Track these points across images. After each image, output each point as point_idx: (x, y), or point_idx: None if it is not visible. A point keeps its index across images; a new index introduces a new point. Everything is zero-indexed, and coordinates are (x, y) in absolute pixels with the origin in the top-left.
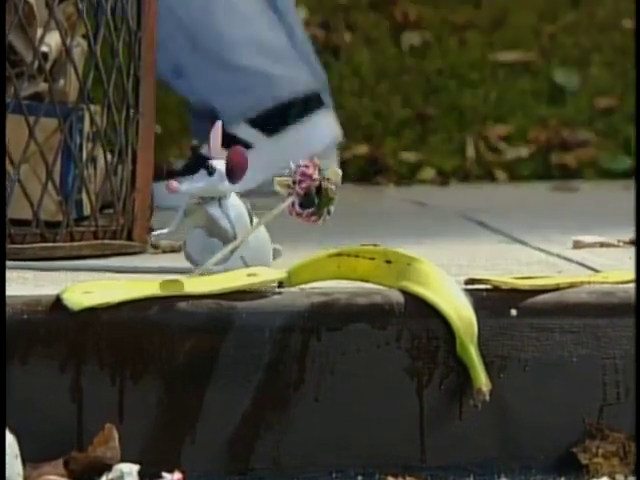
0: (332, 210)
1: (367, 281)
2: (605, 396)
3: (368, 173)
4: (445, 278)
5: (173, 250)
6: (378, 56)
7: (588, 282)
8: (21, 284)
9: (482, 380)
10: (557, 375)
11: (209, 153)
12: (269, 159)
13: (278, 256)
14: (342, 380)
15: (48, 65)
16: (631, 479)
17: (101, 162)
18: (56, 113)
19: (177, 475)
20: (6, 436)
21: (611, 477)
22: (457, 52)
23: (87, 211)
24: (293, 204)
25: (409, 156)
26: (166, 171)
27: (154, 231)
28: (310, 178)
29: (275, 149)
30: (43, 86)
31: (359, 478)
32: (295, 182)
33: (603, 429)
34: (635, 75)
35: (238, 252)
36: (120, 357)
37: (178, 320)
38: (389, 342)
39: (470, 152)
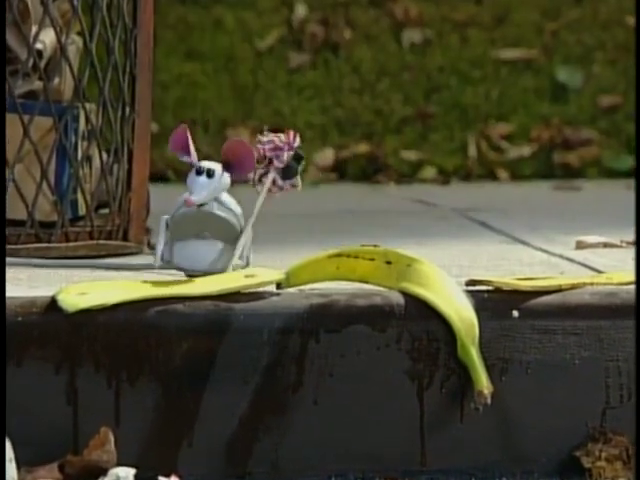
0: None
1: (367, 282)
2: (608, 399)
3: (368, 172)
4: (446, 279)
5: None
6: (378, 53)
7: (591, 283)
8: (15, 285)
9: (483, 382)
10: (559, 378)
11: (191, 160)
12: None
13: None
14: (341, 382)
15: (43, 63)
16: None
17: (96, 161)
18: (51, 112)
19: (174, 479)
20: None
21: None
22: (458, 49)
23: (82, 211)
24: (274, 181)
25: (410, 155)
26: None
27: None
28: (284, 149)
29: None
30: (38, 84)
31: None
32: (268, 157)
33: (606, 432)
34: (636, 74)
35: (242, 245)
36: (116, 359)
37: (175, 322)
38: (389, 344)
39: (472, 151)
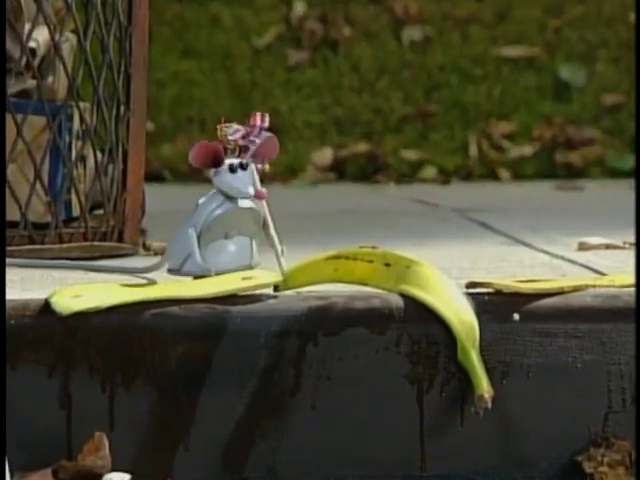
0: None
1: (365, 284)
2: (610, 403)
3: (368, 171)
4: (445, 281)
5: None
6: (378, 51)
7: (593, 285)
8: (9, 287)
9: (484, 386)
10: (561, 381)
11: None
12: None
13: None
14: (340, 386)
15: (36, 61)
16: None
17: (91, 161)
18: (44, 111)
19: None
20: None
21: None
22: (459, 47)
23: (76, 212)
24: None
25: (410, 154)
26: None
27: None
28: (255, 133)
29: None
30: (31, 83)
31: None
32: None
33: (608, 437)
34: (635, 75)
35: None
36: (110, 363)
37: (170, 325)
38: (388, 347)
39: (473, 150)
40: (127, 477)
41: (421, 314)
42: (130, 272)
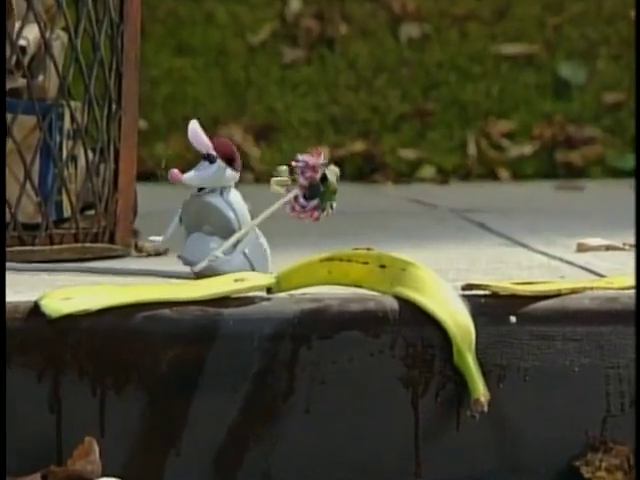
0: (334, 206)
1: (360, 287)
2: (609, 407)
3: (365, 171)
4: (441, 284)
5: (158, 253)
6: (375, 49)
7: (591, 288)
8: None
9: (480, 390)
10: (558, 385)
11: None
12: None
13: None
14: (334, 390)
15: (26, 60)
16: None
17: (82, 161)
18: (35, 110)
19: None
20: None
21: None
22: (458, 44)
23: (67, 213)
24: (296, 197)
25: (408, 153)
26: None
27: (149, 237)
28: (314, 169)
29: None
30: (21, 82)
31: None
32: (297, 174)
33: (607, 442)
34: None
35: (241, 246)
36: (101, 366)
37: (162, 328)
38: (383, 350)
39: (471, 149)
40: None
41: (416, 317)
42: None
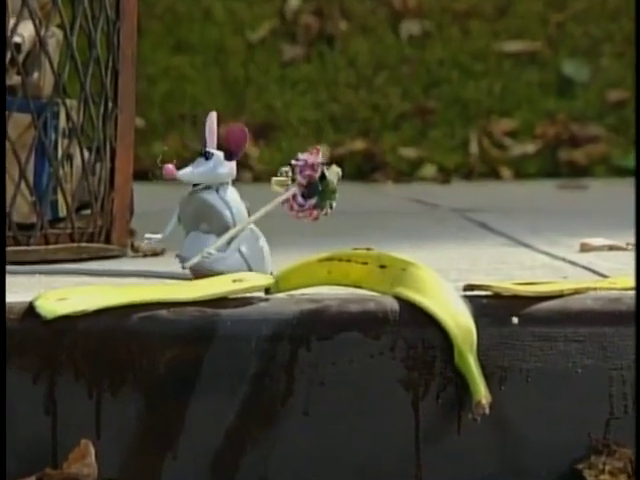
0: (334, 206)
1: (360, 287)
2: (612, 409)
3: (365, 170)
4: (442, 284)
5: (155, 254)
6: (375, 46)
7: (594, 288)
8: None
9: (482, 392)
10: (561, 387)
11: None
12: None
13: None
14: (333, 392)
15: (21, 57)
16: None
17: (77, 160)
18: (29, 108)
19: None
20: None
21: None
22: (459, 42)
23: (63, 212)
24: (294, 196)
25: (408, 152)
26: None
27: (146, 235)
28: (312, 167)
29: None
30: (16, 79)
31: None
32: (296, 173)
33: (610, 444)
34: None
35: (236, 243)
36: (97, 368)
37: (159, 329)
38: (383, 352)
39: (473, 148)
40: None
41: (417, 318)
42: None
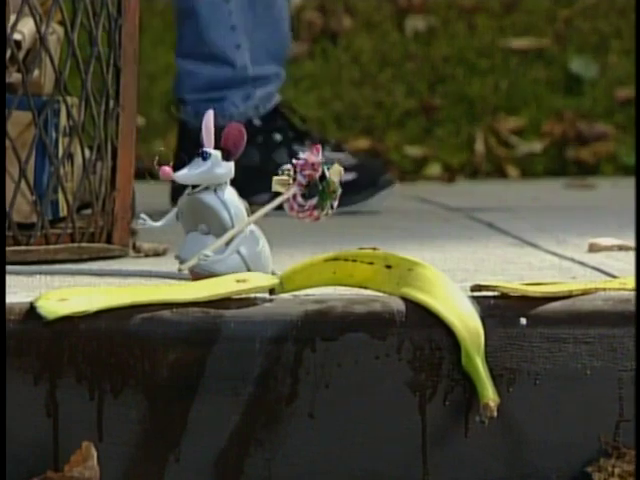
0: (335, 206)
1: (365, 287)
2: (622, 411)
3: None
4: (449, 284)
5: (157, 254)
6: (380, 42)
7: (603, 289)
8: None
9: (489, 394)
10: (570, 389)
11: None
12: None
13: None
14: (338, 394)
15: (21, 54)
16: None
17: (78, 159)
18: (30, 106)
19: None
20: None
21: None
22: (465, 38)
23: (63, 212)
24: (294, 196)
25: (413, 150)
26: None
27: (142, 214)
28: (313, 167)
29: None
30: (16, 77)
31: None
32: (297, 172)
33: (619, 447)
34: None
35: (234, 245)
36: (99, 370)
37: (161, 330)
38: (389, 353)
39: (479, 146)
40: None
41: (424, 318)
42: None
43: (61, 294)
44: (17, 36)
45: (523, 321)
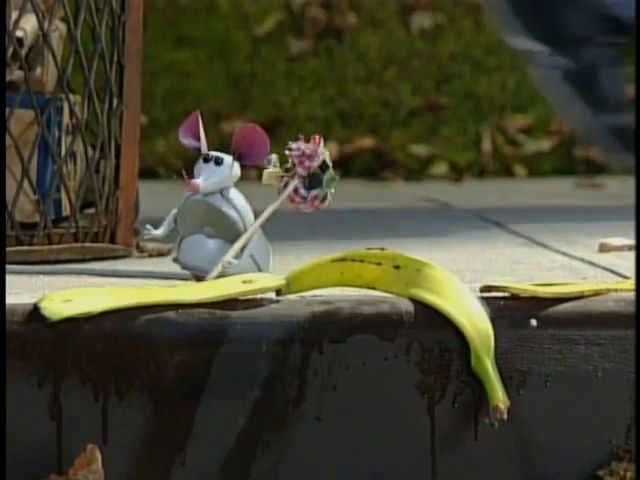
0: (334, 193)
1: (373, 288)
2: (634, 414)
3: (374, 168)
4: (459, 285)
5: (161, 254)
6: (385, 40)
7: (615, 289)
8: None
9: (499, 397)
10: (581, 391)
11: (200, 148)
12: None
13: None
14: (346, 397)
15: (23, 51)
16: None
17: (82, 157)
18: (32, 104)
19: None
20: None
21: None
22: (472, 35)
23: (66, 211)
24: (296, 189)
25: (419, 149)
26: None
27: (147, 225)
28: (310, 157)
29: None
30: (18, 74)
31: None
32: (294, 164)
33: (631, 450)
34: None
35: (250, 248)
36: (103, 372)
37: (167, 331)
38: (397, 355)
39: (486, 145)
40: None
41: (433, 320)
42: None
43: (65, 295)
44: (19, 33)
45: (533, 322)
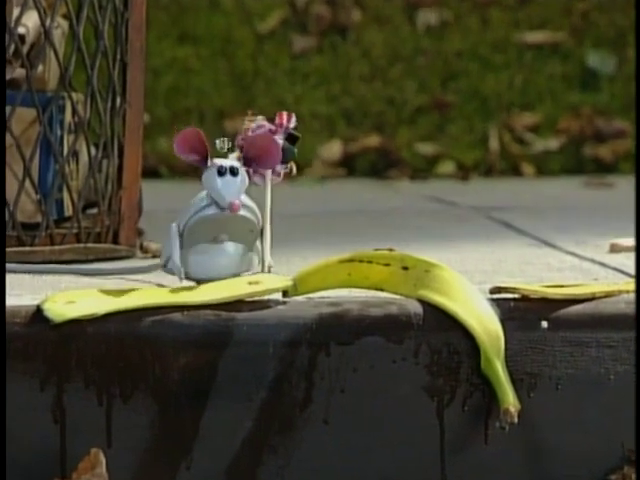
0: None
1: (381, 290)
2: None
3: (379, 167)
4: (468, 286)
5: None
6: (391, 37)
7: (627, 291)
8: None
9: (510, 400)
10: (593, 394)
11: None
12: None
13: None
14: (354, 399)
15: (25, 49)
16: None
17: (84, 156)
18: (34, 102)
19: None
20: None
21: None
22: (479, 32)
23: (68, 211)
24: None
25: (425, 148)
26: None
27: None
28: (277, 133)
29: None
30: (20, 72)
31: None
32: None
33: None
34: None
35: (259, 247)
36: (107, 374)
37: (172, 333)
38: (406, 357)
39: (493, 144)
40: None
41: (441, 322)
42: (127, 273)
43: (68, 296)
44: (21, 30)
45: (544, 324)
